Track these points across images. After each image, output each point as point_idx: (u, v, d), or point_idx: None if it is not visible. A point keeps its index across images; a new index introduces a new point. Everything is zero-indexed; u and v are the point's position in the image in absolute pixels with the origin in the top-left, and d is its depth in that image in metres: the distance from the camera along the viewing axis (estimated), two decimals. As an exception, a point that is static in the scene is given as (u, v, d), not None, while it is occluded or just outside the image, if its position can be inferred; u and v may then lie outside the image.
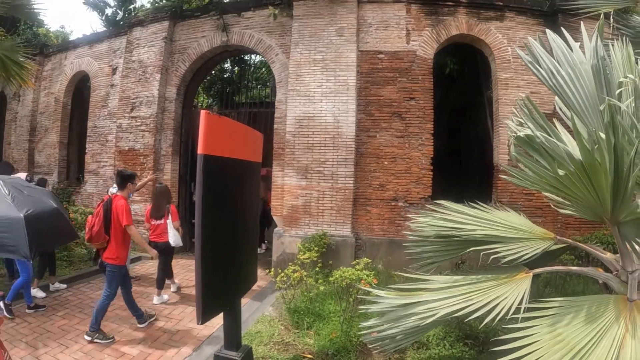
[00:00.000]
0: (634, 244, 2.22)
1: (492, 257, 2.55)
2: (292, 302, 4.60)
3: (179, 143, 7.86)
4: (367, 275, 4.35)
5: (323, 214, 6.51)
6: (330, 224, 6.48)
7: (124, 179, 4.09)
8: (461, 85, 8.76)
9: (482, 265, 2.73)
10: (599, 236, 5.38)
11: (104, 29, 10.37)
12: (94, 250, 4.56)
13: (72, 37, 13.17)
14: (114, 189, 4.64)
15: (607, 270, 2.51)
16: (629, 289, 2.13)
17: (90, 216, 4.06)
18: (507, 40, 6.93)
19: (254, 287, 3.76)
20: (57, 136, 9.90)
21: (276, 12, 7.00)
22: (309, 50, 6.77)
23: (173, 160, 7.75)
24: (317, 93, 6.61)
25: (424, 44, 6.84)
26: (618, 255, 2.39)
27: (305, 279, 4.94)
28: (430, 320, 2.22)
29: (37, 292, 4.94)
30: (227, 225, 2.59)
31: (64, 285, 5.45)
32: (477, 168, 8.62)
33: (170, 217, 5.12)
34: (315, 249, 5.84)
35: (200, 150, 2.18)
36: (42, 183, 5.92)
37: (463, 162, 9.41)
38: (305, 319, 4.30)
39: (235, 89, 9.65)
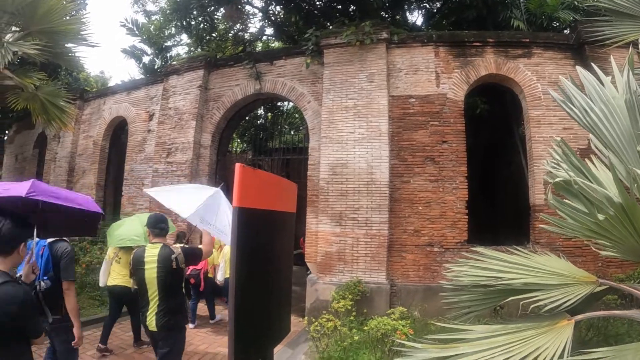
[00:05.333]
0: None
1: (532, 305, 2.46)
2: (326, 352, 4.53)
3: (214, 188, 8.04)
4: (402, 326, 4.26)
5: (357, 261, 6.44)
6: (365, 271, 6.40)
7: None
8: (491, 125, 8.69)
9: (522, 313, 2.63)
10: (643, 272, 5.07)
11: (142, 76, 10.95)
12: None
13: (111, 83, 13.96)
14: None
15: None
16: None
17: None
18: (537, 77, 6.87)
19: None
20: (94, 178, 10.31)
21: (309, 60, 7.20)
22: (341, 97, 6.90)
23: (208, 205, 7.91)
24: (349, 139, 6.69)
25: (454, 86, 6.87)
26: None
27: (339, 328, 4.88)
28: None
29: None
30: (261, 275, 2.58)
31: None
32: (511, 208, 8.41)
33: None
34: (350, 297, 5.76)
35: (234, 203, 2.18)
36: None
37: (497, 203, 9.20)
38: (338, 369, 4.20)
39: (269, 134, 9.93)
